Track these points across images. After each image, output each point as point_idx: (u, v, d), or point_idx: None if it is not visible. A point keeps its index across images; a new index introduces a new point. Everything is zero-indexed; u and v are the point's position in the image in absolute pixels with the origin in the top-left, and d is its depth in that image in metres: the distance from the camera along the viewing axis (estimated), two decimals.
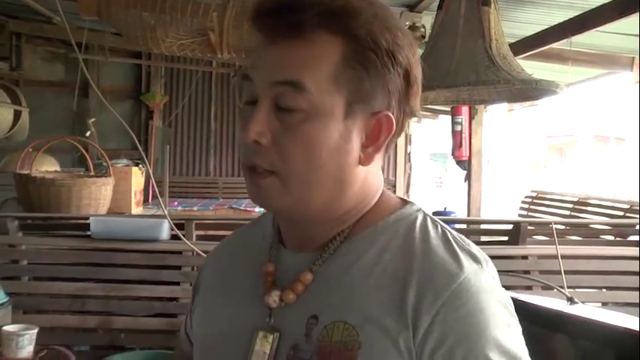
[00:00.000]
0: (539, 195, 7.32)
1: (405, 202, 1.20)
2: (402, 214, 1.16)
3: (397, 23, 1.12)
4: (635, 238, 3.62)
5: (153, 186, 6.88)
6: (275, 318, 1.14)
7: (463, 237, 1.15)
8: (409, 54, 1.10)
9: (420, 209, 1.19)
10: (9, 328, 2.74)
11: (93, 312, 3.26)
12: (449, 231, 1.15)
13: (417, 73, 1.13)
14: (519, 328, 1.11)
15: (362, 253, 1.13)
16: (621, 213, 4.97)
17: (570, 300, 1.89)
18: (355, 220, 1.15)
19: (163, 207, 3.51)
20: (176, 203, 7.00)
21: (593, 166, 13.75)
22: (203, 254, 3.21)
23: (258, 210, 5.53)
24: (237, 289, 1.24)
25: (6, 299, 2.90)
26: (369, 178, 1.14)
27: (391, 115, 1.09)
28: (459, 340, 1.04)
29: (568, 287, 2.54)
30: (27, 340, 2.73)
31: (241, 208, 6.98)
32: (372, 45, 1.05)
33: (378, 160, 1.14)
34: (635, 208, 4.76)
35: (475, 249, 1.13)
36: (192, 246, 3.29)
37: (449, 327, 1.04)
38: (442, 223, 1.17)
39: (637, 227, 3.87)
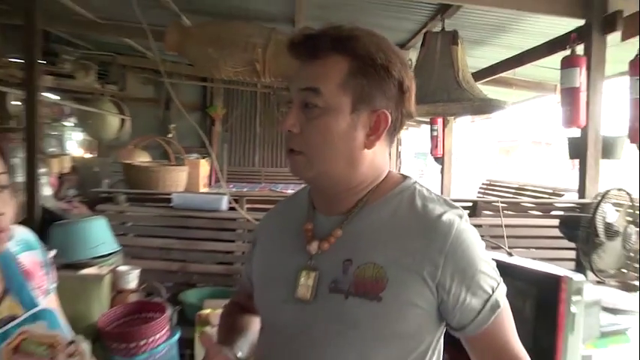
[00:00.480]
0: (491, 183, 7.25)
1: (405, 177, 1.23)
2: (405, 186, 1.19)
3: (391, 47, 1.14)
4: (556, 213, 3.62)
5: (216, 173, 6.93)
6: (314, 261, 1.16)
7: (444, 196, 1.20)
8: (401, 69, 1.13)
9: (416, 181, 1.22)
10: (121, 268, 2.81)
11: (175, 259, 3.27)
12: (437, 194, 1.19)
13: (410, 84, 1.15)
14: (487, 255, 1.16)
15: (378, 214, 1.15)
16: (547, 195, 4.92)
17: (510, 254, 1.90)
18: (369, 191, 1.18)
19: (225, 187, 3.50)
20: (231, 185, 6.99)
21: (529, 162, 13.66)
22: (253, 220, 3.22)
23: (290, 191, 5.52)
24: (284, 242, 1.25)
25: (119, 248, 2.94)
26: (376, 160, 1.17)
27: (387, 113, 1.12)
28: (467, 265, 1.10)
29: (509, 247, 2.54)
30: (133, 276, 2.79)
31: (277, 190, 6.99)
32: (370, 61, 1.10)
33: (382, 147, 1.17)
34: (557, 192, 4.72)
35: (456, 204, 1.17)
36: (244, 214, 3.28)
37: (458, 259, 1.09)
38: (429, 188, 1.21)
39: (557, 205, 3.84)
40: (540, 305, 1.67)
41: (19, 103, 5.79)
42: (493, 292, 1.12)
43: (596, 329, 2.02)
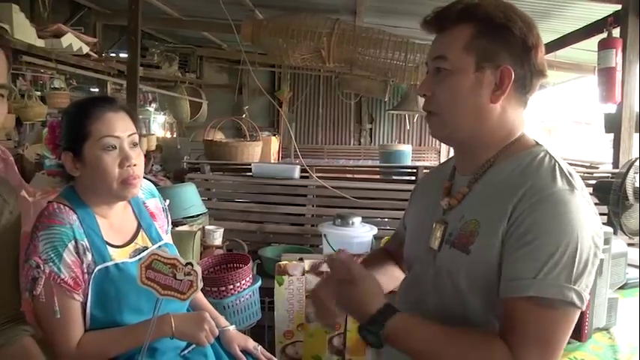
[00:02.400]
0: None
1: (537, 144, 1.18)
2: (532, 152, 1.14)
3: (512, 7, 1.12)
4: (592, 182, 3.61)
5: (283, 149, 7.13)
6: (445, 215, 1.20)
7: (572, 171, 1.10)
8: (523, 27, 1.09)
9: (545, 150, 1.15)
10: (209, 227, 2.95)
11: (253, 221, 3.41)
12: (560, 165, 1.10)
13: (536, 41, 1.11)
14: (580, 249, 0.99)
15: (500, 175, 1.13)
16: (584, 168, 4.89)
17: None
18: (497, 150, 1.15)
19: (300, 159, 3.65)
20: (297, 161, 7.18)
21: (571, 141, 13.29)
22: (325, 186, 3.35)
23: (350, 164, 5.61)
24: (431, 197, 1.27)
25: (206, 210, 3.10)
26: (504, 117, 1.14)
27: (510, 68, 1.09)
28: (530, 229, 1.01)
29: None
30: (218, 234, 2.93)
31: (339, 163, 7.11)
32: (489, 22, 1.09)
33: (512, 106, 1.14)
34: (593, 165, 4.69)
35: (576, 179, 1.08)
36: (315, 181, 3.41)
37: (529, 218, 1.01)
38: (558, 159, 1.12)
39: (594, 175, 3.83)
40: None
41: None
42: (535, 277, 0.98)
43: (622, 277, 2.09)
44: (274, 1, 5.11)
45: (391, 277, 1.41)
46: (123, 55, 6.28)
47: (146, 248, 1.50)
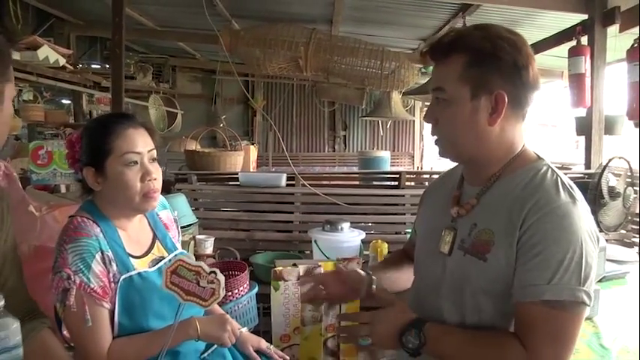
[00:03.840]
0: None
1: (539, 158, 1.26)
2: (534, 166, 1.22)
3: (498, 34, 1.19)
4: None
5: (259, 158, 7.15)
6: (454, 223, 1.28)
7: (572, 184, 1.19)
8: (511, 51, 1.16)
9: (547, 164, 1.23)
10: (199, 236, 2.97)
11: (242, 229, 3.42)
12: (561, 178, 1.19)
13: (525, 61, 1.17)
14: (585, 255, 1.09)
15: (506, 187, 1.21)
16: (559, 167, 5.06)
17: None
18: (503, 165, 1.23)
19: (293, 168, 3.69)
20: (274, 169, 7.21)
21: (537, 143, 13.65)
22: (316, 192, 3.38)
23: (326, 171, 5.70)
24: (440, 204, 1.35)
25: (196, 220, 3.11)
26: (503, 135, 1.21)
27: (503, 92, 1.16)
28: (540, 240, 1.10)
29: None
30: (209, 243, 2.94)
31: (315, 170, 7.18)
32: (479, 53, 1.17)
33: (510, 123, 1.21)
34: (565, 166, 4.86)
35: (576, 192, 1.17)
36: (301, 188, 3.45)
37: (539, 230, 1.10)
38: (559, 174, 1.21)
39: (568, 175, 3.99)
40: None
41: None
42: (548, 282, 1.08)
43: (601, 270, 2.24)
44: (251, 12, 5.20)
45: (408, 275, 1.50)
46: (95, 65, 6.28)
47: (162, 258, 1.57)
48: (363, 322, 1.24)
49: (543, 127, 14.58)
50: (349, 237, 2.97)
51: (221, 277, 1.33)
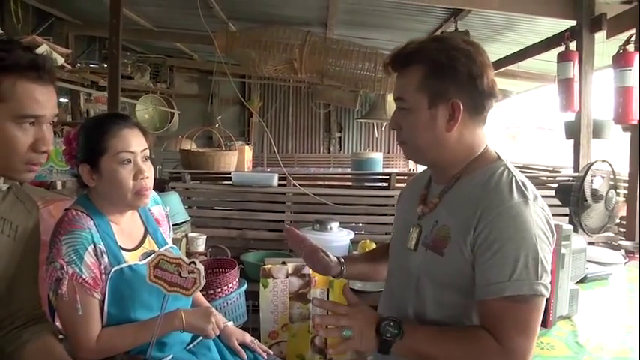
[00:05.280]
0: None
1: (498, 159, 1.33)
2: (492, 167, 1.29)
3: (453, 45, 1.26)
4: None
5: (254, 158, 7.23)
6: (420, 220, 1.36)
7: (526, 184, 1.25)
8: (466, 62, 1.23)
9: (504, 164, 1.30)
10: (192, 234, 3.02)
11: (234, 228, 3.47)
12: (516, 178, 1.25)
13: (479, 69, 1.24)
14: (539, 250, 1.17)
15: (466, 187, 1.29)
16: (547, 172, 5.11)
17: None
18: (464, 165, 1.31)
19: (283, 169, 3.75)
20: (269, 170, 7.28)
21: (534, 147, 13.67)
22: (306, 193, 3.44)
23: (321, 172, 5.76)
24: (410, 203, 1.43)
25: (188, 219, 3.15)
26: (462, 140, 1.29)
27: (459, 101, 1.24)
28: (495, 239, 1.17)
29: None
30: (201, 241, 2.99)
31: (310, 171, 7.22)
32: (435, 65, 1.25)
33: (469, 128, 1.29)
34: (556, 170, 4.95)
35: (530, 191, 1.23)
36: (293, 189, 3.51)
37: (494, 230, 1.17)
38: (515, 174, 1.27)
39: (557, 179, 4.05)
40: None
41: None
42: (509, 279, 1.15)
43: (582, 270, 2.29)
44: (247, 14, 5.26)
45: (380, 270, 1.60)
46: (93, 64, 6.34)
47: (153, 252, 1.64)
48: (341, 312, 1.28)
49: (540, 131, 14.68)
50: (338, 237, 3.05)
51: (200, 267, 1.40)
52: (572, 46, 3.72)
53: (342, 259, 1.58)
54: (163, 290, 1.38)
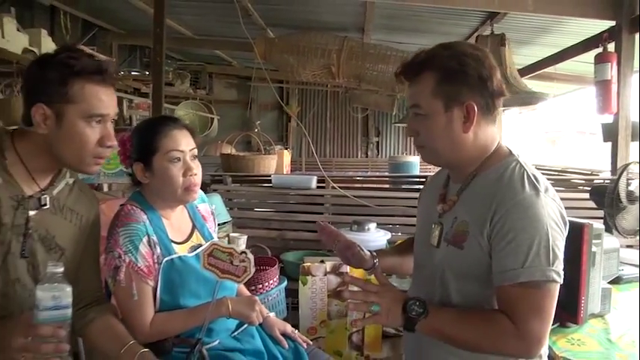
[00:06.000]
0: (536, 167, 7.28)
1: (510, 154, 1.41)
2: (505, 162, 1.38)
3: (463, 51, 1.35)
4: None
5: (293, 163, 7.35)
6: (441, 218, 1.45)
7: (538, 176, 1.34)
8: (476, 66, 1.32)
9: (516, 159, 1.38)
10: (233, 234, 3.14)
11: (274, 228, 3.59)
12: (527, 172, 1.33)
13: (489, 72, 1.34)
14: (551, 239, 1.24)
15: (482, 183, 1.38)
16: (585, 176, 5.09)
17: None
18: (479, 163, 1.39)
19: (322, 171, 3.85)
20: (307, 174, 7.37)
21: (575, 151, 13.44)
22: (346, 195, 3.54)
23: (358, 177, 5.86)
24: (431, 201, 1.53)
25: (230, 219, 3.28)
26: (477, 139, 1.38)
27: (473, 103, 1.33)
28: (510, 229, 1.25)
29: None
30: (242, 241, 3.11)
31: (347, 175, 7.30)
32: (447, 71, 1.33)
33: (483, 128, 1.37)
34: (594, 173, 4.91)
35: (541, 183, 1.31)
36: (331, 191, 3.61)
37: (508, 221, 1.26)
38: (527, 168, 1.35)
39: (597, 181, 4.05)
40: (570, 245, 1.88)
41: None
42: (522, 266, 1.23)
43: (614, 270, 2.33)
44: (285, 21, 5.42)
45: (409, 262, 1.68)
46: (134, 72, 6.60)
47: (200, 245, 1.78)
48: (372, 290, 1.38)
49: (581, 135, 14.45)
50: (375, 237, 3.15)
51: (251, 256, 1.53)
52: (611, 47, 3.71)
53: (375, 253, 1.67)
54: (216, 277, 1.51)
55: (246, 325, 1.82)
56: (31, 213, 1.40)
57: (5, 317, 1.31)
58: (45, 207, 1.43)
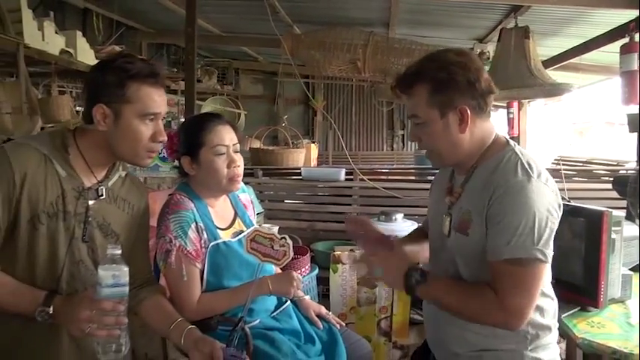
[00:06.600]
0: (562, 158, 7.21)
1: (507, 144, 1.52)
2: (502, 153, 1.48)
3: (450, 60, 1.44)
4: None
5: (320, 156, 7.49)
6: (450, 210, 1.56)
7: (532, 163, 1.43)
8: (464, 73, 1.42)
9: (512, 149, 1.49)
10: (265, 225, 3.24)
11: (304, 219, 3.77)
12: (521, 160, 1.43)
13: (476, 74, 1.43)
14: (538, 221, 1.34)
15: (482, 173, 1.48)
16: (611, 166, 5.12)
17: (568, 200, 2.21)
18: (478, 156, 1.51)
19: (352, 163, 3.97)
20: (335, 167, 7.47)
21: (603, 142, 13.23)
22: (375, 186, 3.69)
23: (385, 169, 5.96)
24: (439, 194, 1.65)
25: (262, 211, 3.41)
26: (474, 136, 1.48)
27: (466, 106, 1.43)
28: (500, 211, 1.37)
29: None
30: (274, 231, 3.32)
31: (374, 168, 7.39)
32: (437, 81, 1.43)
33: (477, 125, 1.47)
34: (620, 163, 4.94)
35: (534, 169, 1.40)
36: (359, 183, 3.77)
37: (500, 204, 1.37)
38: (521, 156, 1.45)
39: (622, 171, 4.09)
40: (590, 232, 1.96)
41: None
42: (507, 244, 1.34)
43: (635, 257, 2.39)
44: (311, 17, 5.52)
45: (426, 250, 1.79)
46: None
47: (242, 231, 1.94)
48: (380, 256, 1.56)
49: (610, 126, 14.22)
50: (403, 227, 3.28)
51: (290, 241, 1.66)
52: (637, 37, 3.70)
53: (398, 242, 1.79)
54: (258, 260, 1.65)
55: (284, 307, 1.98)
56: (91, 202, 1.56)
57: (71, 294, 1.49)
58: (102, 197, 1.59)
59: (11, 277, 1.46)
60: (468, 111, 1.44)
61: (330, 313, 2.11)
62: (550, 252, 1.38)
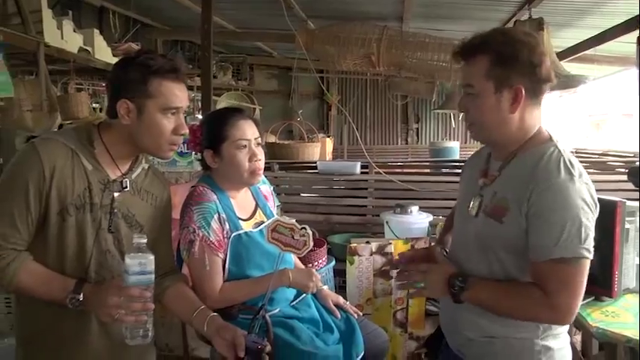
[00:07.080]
0: (578, 150, 7.19)
1: (550, 139, 1.50)
2: (545, 147, 1.47)
3: (516, 38, 1.44)
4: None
5: (335, 150, 7.53)
6: (481, 191, 1.57)
7: (573, 162, 1.43)
8: (528, 53, 1.41)
9: (555, 144, 1.47)
10: (282, 217, 3.40)
11: (320, 212, 3.79)
12: (564, 158, 1.43)
13: (539, 59, 1.43)
14: (581, 220, 1.35)
15: (521, 163, 1.48)
16: (629, 157, 5.10)
17: None
18: (520, 144, 1.50)
19: (367, 157, 4.01)
20: (350, 160, 7.49)
21: (621, 135, 13.06)
22: (391, 179, 3.71)
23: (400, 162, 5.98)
24: (472, 176, 1.65)
25: (278, 204, 3.48)
26: (522, 120, 1.48)
27: (521, 87, 1.42)
28: (544, 209, 1.37)
29: None
30: (293, 221, 3.37)
31: (388, 162, 7.41)
32: (500, 55, 1.43)
33: (528, 110, 1.47)
34: (637, 155, 4.91)
35: (576, 169, 1.41)
36: (374, 176, 3.78)
37: (543, 202, 1.37)
38: (564, 154, 1.44)
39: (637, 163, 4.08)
40: (604, 223, 1.86)
41: None
42: (555, 244, 1.34)
43: None
44: (325, 12, 5.55)
45: None
46: None
47: (263, 222, 2.00)
48: (421, 270, 1.58)
49: (628, 118, 14.06)
50: (418, 219, 3.31)
51: (310, 231, 1.71)
52: None
53: (443, 247, 1.83)
54: (279, 250, 1.70)
55: (303, 296, 2.03)
56: (116, 194, 1.62)
57: (99, 282, 1.56)
58: (126, 189, 1.65)
59: (44, 267, 1.53)
60: (523, 92, 1.43)
61: (348, 302, 2.17)
62: (592, 249, 1.39)
